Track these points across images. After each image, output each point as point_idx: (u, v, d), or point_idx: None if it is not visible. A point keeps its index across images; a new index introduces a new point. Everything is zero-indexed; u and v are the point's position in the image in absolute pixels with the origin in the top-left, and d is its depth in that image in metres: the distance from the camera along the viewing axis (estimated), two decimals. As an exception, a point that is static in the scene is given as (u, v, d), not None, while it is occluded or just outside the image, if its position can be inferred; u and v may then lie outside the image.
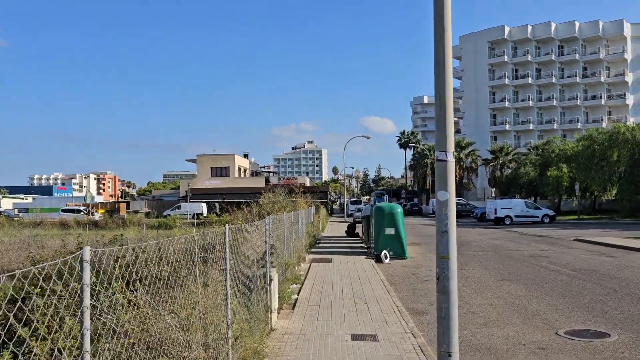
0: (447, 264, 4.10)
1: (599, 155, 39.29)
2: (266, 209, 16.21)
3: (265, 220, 8.16)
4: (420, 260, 17.92)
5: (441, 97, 4.23)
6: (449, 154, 4.09)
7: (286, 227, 12.38)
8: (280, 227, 11.57)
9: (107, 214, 59.28)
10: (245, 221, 12.62)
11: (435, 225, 4.33)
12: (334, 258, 18.04)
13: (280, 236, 11.61)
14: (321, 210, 41.24)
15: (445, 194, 4.04)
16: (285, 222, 12.06)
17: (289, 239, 13.00)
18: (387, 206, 19.26)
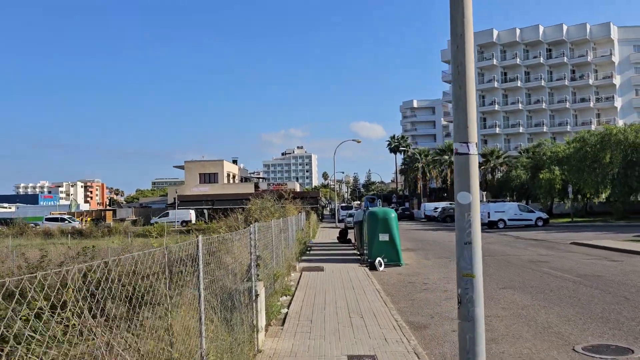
0: (472, 284, 3.31)
1: (591, 157, 38.90)
2: (254, 216, 15.35)
3: (249, 228, 7.32)
4: (416, 267, 17.15)
5: (460, 72, 3.45)
6: (472, 145, 3.31)
7: (275, 235, 11.55)
8: (268, 235, 10.75)
9: (92, 223, 57.94)
10: (229, 229, 11.76)
11: (438, 231, 3.56)
12: (326, 266, 17.21)
13: (268, 245, 10.78)
14: (312, 216, 40.39)
15: (467, 196, 3.24)
16: (274, 229, 11.23)
17: (277, 248, 12.16)
18: (380, 211, 18.49)
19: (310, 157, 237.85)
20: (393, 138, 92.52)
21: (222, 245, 6.51)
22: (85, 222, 60.39)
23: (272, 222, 11.01)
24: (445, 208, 56.28)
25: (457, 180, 3.32)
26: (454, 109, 3.48)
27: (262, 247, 10.08)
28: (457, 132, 3.38)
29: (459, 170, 3.32)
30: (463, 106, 3.38)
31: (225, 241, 6.60)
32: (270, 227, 10.85)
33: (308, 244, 26.69)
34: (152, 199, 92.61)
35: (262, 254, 9.41)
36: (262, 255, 9.96)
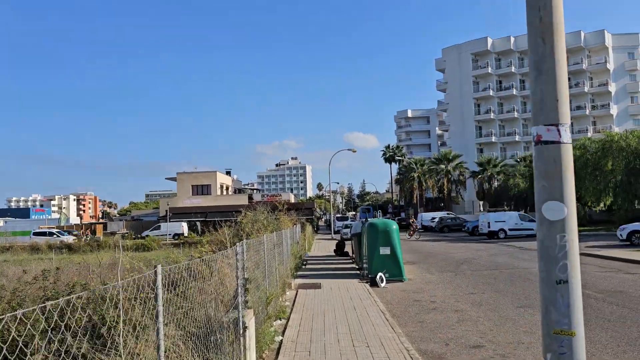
0: (571, 347, 2.12)
1: (592, 164, 37.99)
2: (245, 230, 14.16)
3: (235, 248, 6.16)
4: (419, 283, 15.97)
5: (544, 18, 2.37)
6: (564, 129, 2.19)
7: (268, 251, 10.38)
8: (261, 252, 9.58)
9: (81, 237, 56.35)
10: (215, 247, 10.57)
11: (437, 242, 2.39)
12: (324, 283, 16.00)
13: (260, 263, 9.61)
14: (307, 228, 39.19)
15: (559, 208, 2.09)
16: (266, 245, 10.06)
17: (271, 265, 10.98)
18: (381, 222, 17.33)
19: (304, 168, 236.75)
20: (388, 148, 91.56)
21: (205, 267, 5.34)
22: (84, 235, 58.79)
23: (264, 237, 9.83)
24: (443, 218, 55.19)
25: (542, 183, 2.19)
26: (533, 77, 2.41)
27: (252, 267, 8.92)
28: (540, 110, 2.30)
29: (544, 168, 2.20)
30: (549, 71, 2.30)
31: (209, 263, 5.43)
32: (262, 242, 9.68)
33: (304, 257, 25.47)
34: (145, 211, 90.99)
35: (252, 275, 8.24)
36: (253, 275, 8.80)
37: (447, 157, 67.98)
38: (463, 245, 31.83)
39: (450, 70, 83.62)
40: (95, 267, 21.19)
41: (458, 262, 21.51)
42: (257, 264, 9.51)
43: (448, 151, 70.34)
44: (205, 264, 5.77)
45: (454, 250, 28.02)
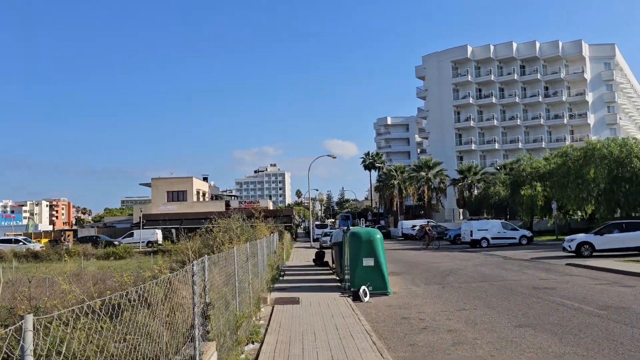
0: None
1: (575, 172, 37.62)
2: (216, 239, 12.85)
3: (191, 266, 4.92)
4: (405, 297, 14.85)
5: None
6: None
7: (239, 265, 9.13)
8: (231, 267, 8.33)
9: (49, 244, 53.99)
10: (180, 258, 9.30)
11: (420, 251, 1.47)
12: (302, 297, 14.77)
13: (230, 279, 8.37)
14: (285, 236, 37.90)
15: None
16: (238, 258, 8.81)
17: (243, 281, 9.72)
18: (364, 232, 16.19)
19: (283, 175, 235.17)
20: (367, 155, 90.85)
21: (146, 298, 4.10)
22: (64, 242, 56.33)
23: (234, 250, 8.57)
24: (424, 226, 54.41)
25: None
26: None
27: (221, 284, 7.68)
28: None
29: None
30: None
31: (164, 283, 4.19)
32: (231, 256, 8.43)
33: (281, 267, 24.19)
34: (118, 218, 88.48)
35: (220, 294, 7.00)
36: (221, 294, 7.56)
37: (427, 165, 67.46)
38: (446, 255, 30.92)
39: (430, 77, 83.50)
40: (54, 278, 19.30)
41: (444, 273, 20.49)
42: (227, 280, 8.27)
43: (429, 158, 69.87)
44: (159, 285, 4.54)
45: (438, 260, 27.06)
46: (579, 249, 24.85)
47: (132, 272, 13.48)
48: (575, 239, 25.49)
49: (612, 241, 24.79)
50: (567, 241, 25.95)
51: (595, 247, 24.77)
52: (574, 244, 25.18)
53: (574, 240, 25.47)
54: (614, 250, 24.74)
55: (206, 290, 5.37)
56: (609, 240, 24.82)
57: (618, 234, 25.02)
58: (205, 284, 5.39)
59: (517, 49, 79.06)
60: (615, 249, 24.74)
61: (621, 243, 24.73)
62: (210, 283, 6.52)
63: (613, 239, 24.81)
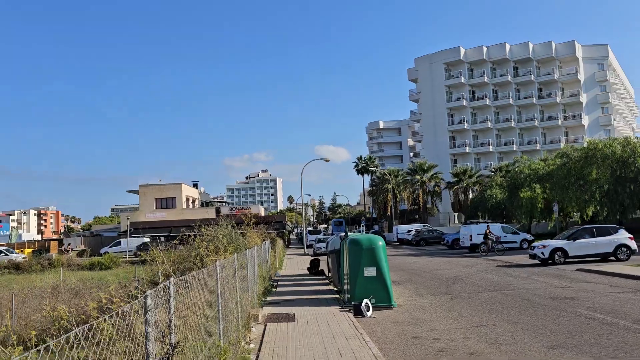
0: None
1: (576, 173, 36.46)
2: (200, 251, 11.33)
3: (144, 300, 3.44)
4: (412, 310, 13.41)
5: None
6: None
7: (224, 283, 7.65)
8: (210, 286, 6.85)
9: (32, 255, 52.00)
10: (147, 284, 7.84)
11: (418, 257, 0.71)
12: (298, 312, 13.28)
13: (213, 299, 6.89)
14: (278, 243, 36.40)
15: None
16: (221, 275, 7.32)
17: (229, 300, 8.23)
18: (364, 238, 14.74)
19: (275, 181, 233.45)
20: (360, 159, 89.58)
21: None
22: (65, 252, 54.50)
23: (216, 266, 7.08)
24: (420, 230, 53.13)
25: None
26: None
27: (203, 305, 6.22)
28: None
29: None
30: None
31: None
32: (214, 273, 6.94)
33: (274, 277, 22.71)
34: (106, 226, 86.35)
35: (196, 324, 5.53)
36: (205, 315, 6.10)
37: (422, 168, 66.18)
38: (446, 261, 29.56)
39: (423, 80, 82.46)
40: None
41: (448, 282, 19.08)
42: (211, 300, 6.81)
43: (423, 161, 68.60)
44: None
45: (439, 267, 25.67)
46: (552, 255, 23.10)
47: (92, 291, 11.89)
48: (549, 244, 23.73)
49: (584, 247, 23.21)
50: (538, 247, 23.92)
51: (568, 253, 23.12)
52: (547, 251, 23.31)
53: (547, 246, 23.60)
54: (585, 256, 23.20)
55: (172, 326, 3.92)
56: (582, 246, 23.22)
57: (589, 239, 23.37)
58: (171, 317, 3.94)
59: (510, 51, 78.28)
60: (586, 255, 23.19)
61: (593, 249, 23.19)
62: (182, 313, 5.05)
63: (585, 245, 23.22)
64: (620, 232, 24.01)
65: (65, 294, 20.47)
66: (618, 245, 23.24)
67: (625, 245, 23.37)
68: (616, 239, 23.48)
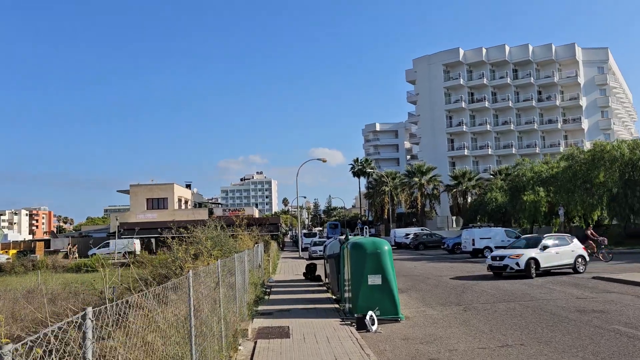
0: None
1: (582, 176, 35.10)
2: (178, 257, 9.73)
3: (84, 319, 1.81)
4: (423, 325, 11.84)
5: None
6: None
7: (198, 299, 6.06)
8: (184, 305, 5.27)
9: (15, 256, 50.13)
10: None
11: (419, 262, 0.71)
12: (293, 325, 11.69)
13: (185, 323, 5.31)
14: (272, 246, 34.79)
15: None
16: (194, 290, 5.72)
17: (210, 319, 6.62)
18: (368, 242, 13.18)
19: (270, 183, 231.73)
20: (356, 161, 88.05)
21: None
22: (71, 253, 52.68)
23: (188, 276, 5.48)
24: (418, 234, 51.59)
25: None
26: None
27: (171, 327, 4.65)
28: None
29: None
30: None
31: None
32: (188, 285, 5.35)
33: (267, 283, 21.10)
34: (95, 227, 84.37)
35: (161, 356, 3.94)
36: (179, 342, 4.53)
37: (420, 170, 64.75)
38: (449, 266, 28.05)
39: (421, 81, 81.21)
40: None
41: (457, 290, 17.54)
42: (185, 319, 5.23)
43: (422, 164, 67.15)
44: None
45: (443, 273, 24.13)
46: (528, 266, 19.89)
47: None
48: (523, 254, 20.20)
49: (552, 257, 20.63)
50: (509, 258, 20.32)
51: (540, 264, 20.23)
52: (523, 261, 19.92)
53: (521, 255, 20.14)
54: (553, 267, 20.68)
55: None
56: (550, 257, 20.59)
57: (555, 249, 20.88)
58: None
59: (509, 52, 77.17)
60: (554, 266, 20.68)
61: (558, 259, 20.72)
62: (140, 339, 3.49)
63: (552, 255, 20.66)
64: (574, 241, 21.95)
65: (39, 299, 18.85)
66: (578, 256, 21.09)
67: (582, 256, 21.26)
68: (574, 248, 21.31)
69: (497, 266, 20.74)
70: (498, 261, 20.81)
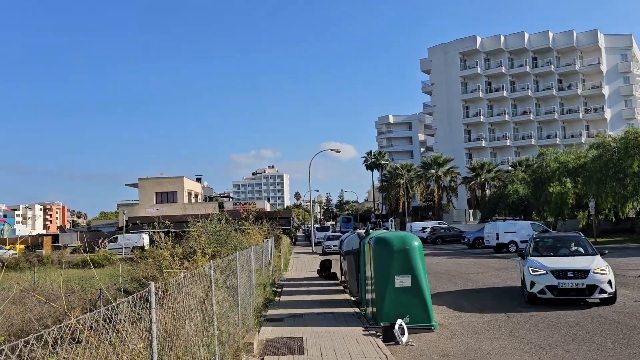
0: None
1: (614, 166, 32.83)
2: (165, 258, 7.94)
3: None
4: (461, 334, 9.95)
5: None
6: None
7: (184, 318, 4.24)
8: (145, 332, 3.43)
9: (22, 251, 49.03)
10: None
11: (439, 257, 3.11)
12: (308, 336, 9.87)
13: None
14: (283, 241, 33.07)
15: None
16: (162, 312, 3.89)
17: (194, 343, 4.80)
18: (395, 238, 11.28)
19: (282, 177, 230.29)
20: (370, 154, 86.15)
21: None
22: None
23: (149, 290, 3.65)
24: (436, 228, 49.63)
25: None
26: None
27: None
28: None
29: None
30: None
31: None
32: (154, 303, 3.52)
33: (278, 281, 19.33)
34: (105, 221, 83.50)
35: None
36: None
37: (437, 162, 62.50)
38: (474, 262, 26.08)
39: (437, 71, 78.69)
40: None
41: (492, 291, 15.61)
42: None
43: (438, 155, 64.83)
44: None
45: (468, 270, 22.20)
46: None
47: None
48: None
49: None
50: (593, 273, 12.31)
51: None
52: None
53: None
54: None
55: None
56: None
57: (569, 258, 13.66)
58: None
59: (529, 40, 74.34)
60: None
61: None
62: None
63: None
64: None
65: (35, 298, 17.46)
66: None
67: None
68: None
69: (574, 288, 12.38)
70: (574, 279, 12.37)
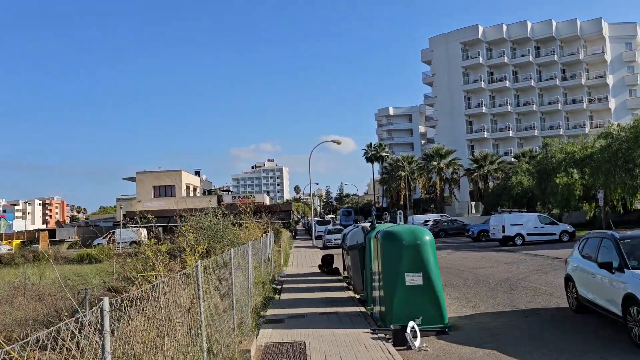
0: None
1: (623, 156, 31.90)
2: (147, 258, 7.05)
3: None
4: (479, 337, 9.07)
5: None
6: None
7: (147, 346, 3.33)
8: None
9: (18, 246, 48.20)
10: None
11: (444, 251, 2.22)
12: (311, 340, 8.99)
13: None
14: (283, 235, 32.22)
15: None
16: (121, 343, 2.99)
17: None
18: (405, 232, 10.37)
19: (281, 170, 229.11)
20: (370, 146, 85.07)
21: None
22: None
23: (102, 306, 2.75)
24: (438, 221, 48.75)
25: None
26: None
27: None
28: None
29: None
30: None
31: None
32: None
33: (277, 277, 18.45)
34: (102, 216, 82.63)
35: None
36: None
37: (439, 153, 61.54)
38: (481, 256, 25.20)
39: (438, 61, 77.52)
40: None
41: (503, 287, 14.73)
42: None
43: (440, 146, 63.86)
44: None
45: (476, 264, 21.32)
46: None
47: None
48: None
49: None
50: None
51: None
52: None
53: None
54: None
55: None
56: None
57: None
58: None
59: (531, 29, 73.15)
60: None
61: None
62: None
63: None
64: None
65: (26, 296, 16.66)
66: None
67: None
68: None
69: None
70: None
